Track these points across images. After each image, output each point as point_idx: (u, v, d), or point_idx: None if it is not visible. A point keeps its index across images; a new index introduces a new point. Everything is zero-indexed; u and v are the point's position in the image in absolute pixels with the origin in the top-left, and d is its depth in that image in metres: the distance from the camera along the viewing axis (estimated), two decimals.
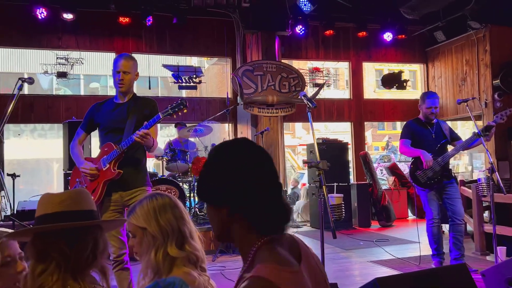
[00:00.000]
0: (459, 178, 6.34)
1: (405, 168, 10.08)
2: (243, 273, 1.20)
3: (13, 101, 3.04)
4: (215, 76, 14.22)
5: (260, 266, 1.15)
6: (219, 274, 4.71)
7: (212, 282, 1.85)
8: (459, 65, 9.07)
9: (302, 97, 3.30)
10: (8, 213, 6.86)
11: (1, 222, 6.10)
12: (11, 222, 6.00)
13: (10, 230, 1.55)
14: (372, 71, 16.71)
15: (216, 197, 1.21)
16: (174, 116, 3.03)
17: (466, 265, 4.50)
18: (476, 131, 4.34)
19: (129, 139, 3.05)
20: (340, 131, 16.18)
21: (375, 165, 15.00)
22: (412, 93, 12.74)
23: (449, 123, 10.38)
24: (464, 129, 16.51)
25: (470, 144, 4.61)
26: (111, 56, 8.22)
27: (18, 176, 6.53)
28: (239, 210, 1.18)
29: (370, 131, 22.20)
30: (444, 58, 9.49)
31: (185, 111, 3.03)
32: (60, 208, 1.32)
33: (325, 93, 10.25)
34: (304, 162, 3.75)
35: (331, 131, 17.69)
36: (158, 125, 3.35)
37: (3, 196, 6.86)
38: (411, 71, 16.14)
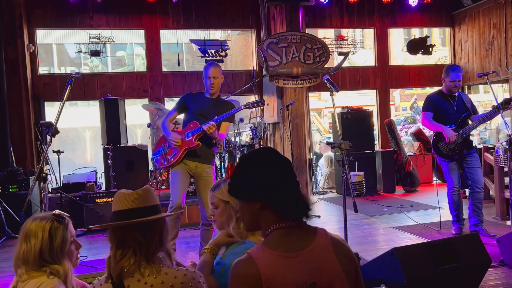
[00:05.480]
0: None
1: (431, 133, 10.16)
2: None
3: (66, 93, 3.43)
4: (240, 48, 14.27)
5: (256, 246, 1.51)
6: None
7: None
8: (487, 28, 8.95)
9: (325, 81, 3.52)
10: (54, 185, 7.45)
11: (50, 195, 6.65)
12: (59, 194, 6.58)
13: (67, 214, 1.90)
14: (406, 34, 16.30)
15: (251, 193, 1.54)
16: (252, 108, 4.56)
17: (482, 232, 4.78)
18: (496, 104, 4.48)
19: (201, 127, 4.02)
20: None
21: (400, 127, 14.95)
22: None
23: (475, 88, 10.19)
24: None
25: (490, 117, 4.75)
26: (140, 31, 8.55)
27: (62, 152, 7.03)
28: (269, 203, 1.51)
29: (398, 91, 21.72)
30: (471, 22, 9.35)
31: (261, 107, 3.91)
32: (133, 205, 1.69)
33: (355, 57, 10.24)
34: (328, 143, 4.03)
35: (365, 92, 17.40)
36: (231, 125, 4.53)
37: (48, 169, 7.42)
38: None
